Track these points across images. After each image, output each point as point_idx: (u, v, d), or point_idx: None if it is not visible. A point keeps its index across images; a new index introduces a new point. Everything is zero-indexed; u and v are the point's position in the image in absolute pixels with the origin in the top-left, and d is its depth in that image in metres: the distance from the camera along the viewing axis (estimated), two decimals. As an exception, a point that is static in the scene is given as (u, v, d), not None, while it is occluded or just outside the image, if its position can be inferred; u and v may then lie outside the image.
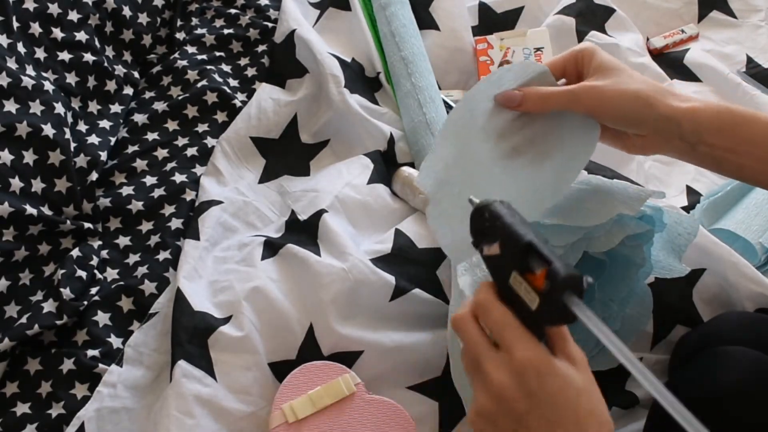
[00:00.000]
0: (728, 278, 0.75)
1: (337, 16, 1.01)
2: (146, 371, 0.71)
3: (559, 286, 0.39)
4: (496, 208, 0.44)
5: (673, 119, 0.53)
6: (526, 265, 0.41)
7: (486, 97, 0.57)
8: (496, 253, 0.43)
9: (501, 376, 0.41)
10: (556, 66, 0.58)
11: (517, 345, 0.41)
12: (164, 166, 0.86)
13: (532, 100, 0.56)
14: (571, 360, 0.42)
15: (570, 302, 0.39)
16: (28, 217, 0.74)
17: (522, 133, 0.58)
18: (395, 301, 0.73)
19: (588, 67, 0.56)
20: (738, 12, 1.15)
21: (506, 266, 0.42)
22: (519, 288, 0.41)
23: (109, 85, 0.91)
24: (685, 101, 0.53)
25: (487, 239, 0.44)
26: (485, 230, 0.44)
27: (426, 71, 0.92)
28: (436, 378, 0.72)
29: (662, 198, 0.65)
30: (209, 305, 0.73)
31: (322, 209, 0.78)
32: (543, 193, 0.56)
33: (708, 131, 0.52)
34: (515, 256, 0.42)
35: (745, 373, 0.59)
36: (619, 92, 0.54)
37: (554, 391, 0.40)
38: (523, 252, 0.41)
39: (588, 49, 0.57)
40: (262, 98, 0.91)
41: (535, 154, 0.57)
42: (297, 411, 0.65)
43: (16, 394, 0.69)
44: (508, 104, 0.57)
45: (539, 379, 0.40)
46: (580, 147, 0.57)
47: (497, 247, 0.43)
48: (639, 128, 0.55)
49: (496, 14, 1.09)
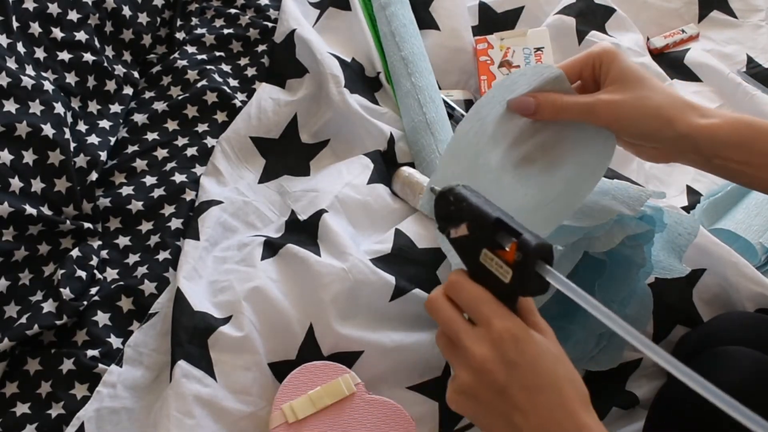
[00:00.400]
0: (728, 278, 0.75)
1: (337, 15, 1.01)
2: (146, 371, 0.71)
3: (531, 256, 0.40)
4: (460, 191, 0.45)
5: (691, 137, 0.52)
6: (497, 241, 0.42)
7: (498, 102, 0.55)
8: (463, 234, 0.44)
9: (480, 348, 0.42)
10: (572, 69, 0.55)
11: (494, 317, 0.42)
12: (164, 166, 0.86)
13: (547, 110, 0.54)
14: (542, 331, 0.43)
15: (543, 271, 0.41)
16: (28, 217, 0.74)
17: (533, 141, 0.56)
18: (395, 301, 0.73)
19: (606, 74, 0.54)
20: (738, 12, 1.15)
21: (476, 245, 0.43)
22: (491, 264, 0.42)
23: (109, 85, 0.91)
24: (705, 116, 0.52)
25: (454, 222, 0.45)
26: (451, 214, 0.45)
27: (426, 71, 0.92)
28: (436, 378, 0.72)
29: (662, 198, 0.65)
30: (209, 305, 0.72)
31: (322, 209, 0.78)
32: (556, 206, 0.54)
33: (725, 147, 0.51)
34: (485, 234, 0.43)
35: (745, 373, 0.59)
36: (639, 110, 0.52)
37: (533, 358, 0.41)
38: (492, 228, 0.42)
39: (608, 54, 0.54)
40: (262, 98, 0.91)
41: (546, 162, 0.55)
42: (297, 411, 0.65)
43: (16, 395, 0.68)
44: (521, 111, 0.54)
45: (517, 347, 0.41)
46: (594, 158, 0.55)
47: (464, 228, 0.44)
48: (656, 144, 0.54)
49: (496, 14, 1.09)
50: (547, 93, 0.54)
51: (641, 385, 0.75)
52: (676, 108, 0.52)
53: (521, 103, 0.54)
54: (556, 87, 0.55)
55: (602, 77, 0.54)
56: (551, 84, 0.55)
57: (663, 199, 0.67)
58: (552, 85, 0.55)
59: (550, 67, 0.55)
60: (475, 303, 0.43)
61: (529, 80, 0.54)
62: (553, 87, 0.55)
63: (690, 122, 0.52)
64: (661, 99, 0.52)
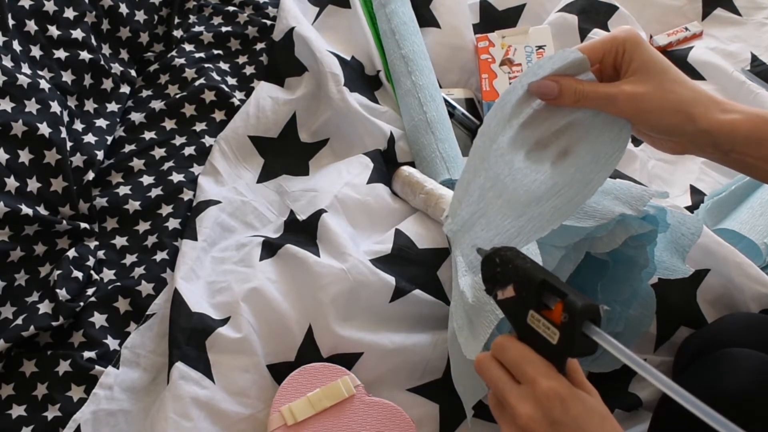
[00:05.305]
0: (732, 279, 0.75)
1: (337, 13, 1.00)
2: (143, 373, 0.71)
3: (577, 317, 0.41)
4: (506, 254, 0.47)
5: (711, 133, 0.51)
6: (543, 302, 0.44)
7: (521, 87, 0.54)
8: (510, 296, 0.46)
9: (526, 408, 0.42)
10: (594, 52, 0.54)
11: (539, 376, 0.42)
12: (161, 165, 0.85)
13: (568, 96, 0.52)
14: (589, 391, 0.44)
15: (590, 331, 0.42)
16: (24, 217, 0.73)
17: (546, 125, 0.55)
18: (395, 302, 0.72)
19: (629, 63, 0.53)
20: (742, 9, 1.14)
21: (523, 307, 0.45)
22: (537, 325, 0.44)
23: (106, 83, 0.90)
24: (726, 111, 0.51)
25: (500, 284, 0.47)
26: (497, 276, 0.47)
27: (426, 69, 0.92)
28: (436, 380, 0.72)
29: (665, 198, 0.64)
30: (207, 306, 0.72)
31: (322, 209, 0.78)
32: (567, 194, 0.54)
33: (744, 143, 0.51)
34: (531, 295, 0.44)
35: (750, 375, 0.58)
36: (660, 104, 0.51)
37: (579, 418, 0.41)
38: (538, 289, 0.44)
39: (631, 41, 0.53)
40: (261, 97, 0.91)
41: (559, 148, 0.55)
42: (296, 413, 0.65)
43: (12, 397, 0.68)
44: (543, 95, 0.53)
45: (563, 406, 0.41)
46: (608, 146, 0.54)
47: (511, 290, 0.46)
48: (675, 138, 0.53)
49: (497, 11, 1.08)
50: (569, 78, 0.53)
51: (644, 386, 0.74)
52: (698, 103, 0.51)
53: (543, 87, 0.53)
54: (578, 70, 0.54)
55: (624, 66, 0.53)
56: (573, 67, 0.54)
57: (666, 198, 0.66)
58: (574, 69, 0.54)
59: (575, 51, 0.53)
60: (521, 362, 0.44)
61: (553, 64, 0.53)
62: (575, 71, 0.54)
63: (711, 118, 0.51)
64: (683, 93, 0.51)
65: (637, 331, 0.72)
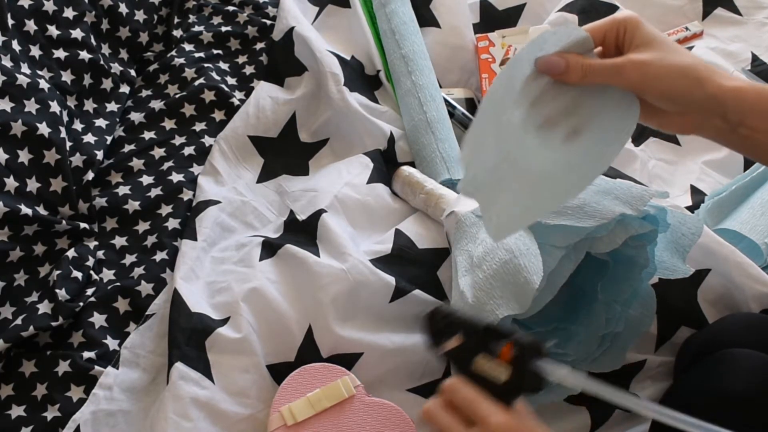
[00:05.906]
0: (733, 279, 0.75)
1: (337, 13, 1.00)
2: (143, 373, 0.71)
3: (527, 353, 0.45)
4: (445, 308, 0.51)
5: (719, 98, 0.51)
6: (491, 345, 0.47)
7: (527, 60, 0.54)
8: (457, 345, 0.49)
9: None
10: (596, 32, 0.54)
11: (490, 414, 0.44)
12: (161, 165, 0.85)
13: (575, 71, 0.52)
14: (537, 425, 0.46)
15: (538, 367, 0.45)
16: (23, 217, 0.73)
17: (555, 104, 0.55)
18: (395, 302, 0.72)
19: (631, 40, 0.53)
20: (743, 9, 1.14)
21: (470, 353, 0.48)
22: (484, 369, 0.46)
23: (105, 83, 0.90)
24: (731, 80, 0.51)
25: (446, 335, 0.49)
26: (442, 329, 0.50)
27: (426, 69, 0.91)
28: (436, 380, 0.72)
29: (666, 197, 0.64)
30: (207, 306, 0.72)
31: (321, 209, 0.78)
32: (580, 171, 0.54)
33: (752, 113, 0.50)
34: (479, 340, 0.47)
35: (751, 376, 0.58)
36: (667, 68, 0.51)
37: None
38: (484, 333, 0.47)
39: (632, 20, 0.54)
40: (261, 96, 0.91)
41: (569, 126, 0.54)
42: (296, 414, 0.65)
43: (11, 397, 0.68)
44: (550, 71, 0.53)
45: None
46: (618, 122, 0.54)
47: (457, 339, 0.49)
48: (683, 107, 0.53)
49: (497, 11, 1.08)
50: (575, 54, 0.53)
51: (645, 386, 0.74)
52: (704, 68, 0.51)
53: (550, 62, 0.53)
54: (582, 49, 0.54)
55: (626, 43, 0.54)
56: (577, 45, 0.54)
57: (666, 198, 0.66)
58: (578, 48, 0.54)
59: (579, 29, 0.54)
60: (471, 402, 0.46)
61: (558, 40, 0.53)
62: (579, 50, 0.54)
63: (718, 83, 0.51)
64: (688, 59, 0.52)
65: (638, 332, 0.72)
